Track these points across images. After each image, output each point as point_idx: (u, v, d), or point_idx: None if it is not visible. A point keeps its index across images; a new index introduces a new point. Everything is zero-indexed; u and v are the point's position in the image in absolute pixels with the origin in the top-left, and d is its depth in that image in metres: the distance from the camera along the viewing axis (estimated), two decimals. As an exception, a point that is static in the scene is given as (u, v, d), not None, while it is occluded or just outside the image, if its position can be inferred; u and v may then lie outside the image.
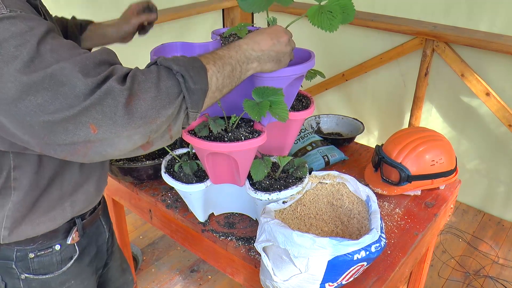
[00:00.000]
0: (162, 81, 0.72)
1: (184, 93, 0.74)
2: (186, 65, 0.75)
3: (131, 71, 0.73)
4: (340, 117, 1.85)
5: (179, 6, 3.02)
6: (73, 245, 1.03)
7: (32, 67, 0.66)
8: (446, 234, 2.59)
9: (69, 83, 0.67)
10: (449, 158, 1.37)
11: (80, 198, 0.99)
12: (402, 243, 1.19)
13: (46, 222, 0.94)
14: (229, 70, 0.84)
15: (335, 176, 1.21)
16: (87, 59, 0.70)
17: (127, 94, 0.69)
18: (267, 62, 0.93)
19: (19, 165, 0.85)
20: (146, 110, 0.70)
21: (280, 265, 0.96)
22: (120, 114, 0.68)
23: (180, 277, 2.30)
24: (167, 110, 0.73)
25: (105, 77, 0.69)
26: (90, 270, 1.10)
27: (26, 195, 0.88)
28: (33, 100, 0.66)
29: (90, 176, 1.01)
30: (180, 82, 0.74)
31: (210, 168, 1.13)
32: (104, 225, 1.17)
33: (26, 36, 0.67)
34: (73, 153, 0.72)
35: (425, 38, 2.52)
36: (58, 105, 0.66)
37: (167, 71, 0.74)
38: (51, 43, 0.69)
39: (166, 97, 0.72)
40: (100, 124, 0.68)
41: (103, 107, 0.67)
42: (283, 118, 0.99)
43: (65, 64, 0.67)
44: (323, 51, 3.09)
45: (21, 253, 0.96)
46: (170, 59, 0.76)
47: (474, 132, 2.65)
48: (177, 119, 0.77)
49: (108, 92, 0.68)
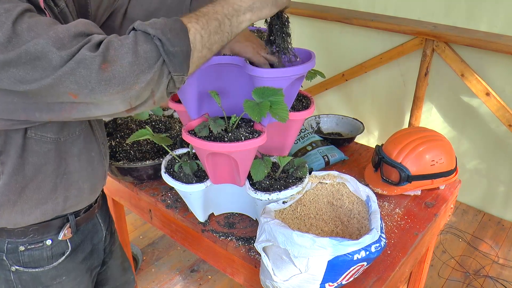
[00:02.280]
0: (139, 45, 0.71)
1: (163, 57, 0.73)
2: (163, 28, 0.73)
3: (107, 38, 0.72)
4: (340, 117, 1.85)
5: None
6: (65, 241, 1.03)
7: (10, 46, 0.68)
8: (446, 234, 2.60)
9: (44, 57, 0.68)
10: (449, 158, 1.37)
11: (73, 194, 0.99)
12: (402, 243, 1.19)
13: (37, 214, 0.95)
14: (215, 25, 0.80)
15: (335, 176, 1.21)
16: (61, 32, 0.70)
17: (100, 60, 0.69)
18: (263, 9, 0.88)
19: (5, 150, 0.86)
20: (124, 76, 0.70)
21: (280, 265, 0.96)
22: (95, 81, 0.69)
23: (180, 277, 2.30)
24: (146, 76, 0.72)
25: (79, 47, 0.70)
26: (83, 268, 1.10)
27: (10, 179, 0.89)
28: (14, 72, 0.68)
29: (85, 172, 1.01)
30: (158, 46, 0.72)
31: (210, 168, 1.13)
32: (102, 223, 1.16)
33: (1, 17, 0.69)
34: (58, 115, 0.76)
35: (425, 38, 2.52)
36: (37, 76, 0.69)
37: (144, 35, 0.73)
38: (28, 21, 0.70)
39: (144, 62, 0.71)
40: (77, 92, 0.70)
41: (76, 76, 0.69)
42: (283, 119, 0.99)
43: (39, 40, 0.68)
44: (323, 51, 3.09)
45: (11, 245, 0.97)
46: (147, 23, 0.74)
47: (474, 132, 2.65)
48: (160, 84, 0.75)
49: (79, 61, 0.68)
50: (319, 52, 2.73)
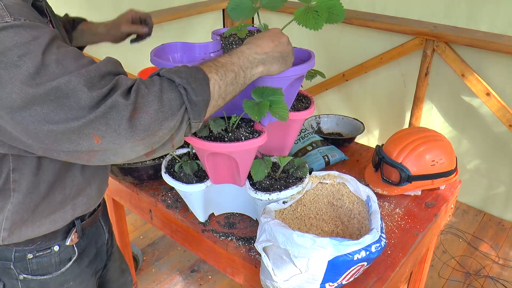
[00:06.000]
0: (164, 93, 0.73)
1: (186, 105, 0.75)
2: (188, 77, 0.75)
3: (135, 83, 0.73)
4: (341, 117, 1.85)
5: (179, 6, 3.03)
6: (72, 246, 1.03)
7: (38, 79, 0.66)
8: (447, 234, 2.59)
9: (74, 96, 0.67)
10: (449, 158, 1.37)
11: (82, 201, 0.99)
12: (403, 243, 1.19)
13: (47, 225, 0.94)
14: (232, 77, 0.84)
15: (336, 176, 1.21)
16: (92, 71, 0.70)
17: (131, 108, 0.69)
18: (273, 64, 0.93)
19: (18, 168, 0.85)
20: (149, 122, 0.71)
21: (280, 265, 0.96)
22: (124, 127, 0.69)
23: (181, 277, 2.30)
24: (170, 122, 0.73)
25: (109, 89, 0.70)
26: (89, 272, 1.10)
27: (25, 198, 0.88)
28: (38, 110, 0.66)
29: (93, 180, 1.01)
30: (182, 94, 0.74)
31: (210, 168, 1.13)
32: (104, 226, 1.17)
33: (30, 46, 0.67)
34: (76, 159, 0.74)
35: (426, 38, 2.52)
36: (63, 116, 0.67)
37: (169, 83, 0.75)
38: (56, 53, 0.69)
39: (168, 110, 0.73)
40: (103, 135, 0.69)
41: (108, 120, 0.68)
42: (283, 118, 0.99)
43: (70, 77, 0.67)
44: (323, 51, 3.09)
45: (19, 254, 0.96)
46: (173, 71, 0.76)
47: (475, 132, 2.65)
48: (180, 130, 0.77)
49: (113, 106, 0.68)
50: (319, 52, 2.73)
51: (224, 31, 1.18)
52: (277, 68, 0.95)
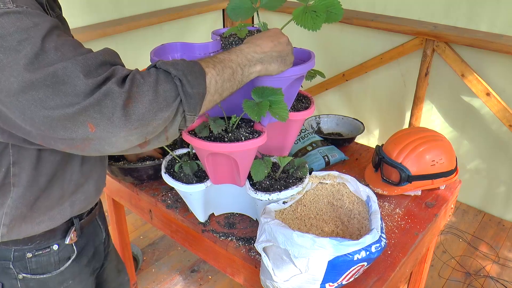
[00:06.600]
0: (160, 84, 0.74)
1: (181, 96, 0.75)
2: (185, 69, 0.76)
3: (131, 73, 0.73)
4: (340, 117, 1.85)
5: (179, 6, 3.02)
6: (71, 245, 1.03)
7: (36, 64, 0.67)
8: (447, 234, 2.59)
9: (70, 82, 0.68)
10: (449, 158, 1.37)
11: (80, 198, 0.99)
12: (403, 243, 1.19)
13: (46, 221, 0.94)
14: (229, 73, 0.84)
15: (336, 176, 1.21)
16: (90, 59, 0.71)
17: (126, 96, 0.70)
18: (271, 63, 0.94)
19: (18, 161, 0.86)
20: (143, 112, 0.72)
21: (281, 265, 0.96)
22: (118, 116, 0.70)
23: (181, 277, 2.30)
24: (164, 113, 0.74)
25: (105, 78, 0.70)
26: (88, 270, 1.11)
27: (25, 192, 0.88)
28: (35, 95, 0.67)
29: (91, 176, 1.01)
30: (178, 86, 0.75)
31: (210, 168, 1.13)
32: (101, 225, 1.17)
33: (30, 31, 0.68)
34: (71, 147, 0.74)
35: (425, 38, 2.51)
36: (58, 102, 0.68)
37: (165, 74, 0.75)
38: (56, 40, 0.70)
39: (163, 100, 0.73)
40: (97, 124, 0.69)
41: (102, 107, 0.69)
42: (283, 118, 0.99)
43: (67, 64, 0.68)
44: (323, 51, 3.09)
45: (18, 253, 0.96)
46: (169, 63, 0.76)
47: (475, 132, 2.65)
48: (174, 122, 0.78)
49: (107, 93, 0.69)
50: (319, 52, 2.73)
51: (224, 31, 1.18)
52: (276, 67, 0.95)
